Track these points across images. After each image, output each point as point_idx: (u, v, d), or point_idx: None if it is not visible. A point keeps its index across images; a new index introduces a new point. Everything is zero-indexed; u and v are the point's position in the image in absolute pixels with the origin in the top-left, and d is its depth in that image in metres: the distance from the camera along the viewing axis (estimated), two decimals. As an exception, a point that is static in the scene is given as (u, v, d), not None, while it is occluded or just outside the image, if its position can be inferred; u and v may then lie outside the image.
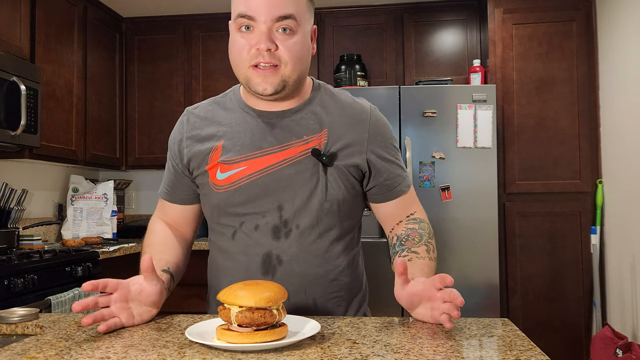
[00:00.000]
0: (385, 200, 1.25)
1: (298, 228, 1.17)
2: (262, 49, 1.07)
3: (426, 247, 1.18)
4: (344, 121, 1.20)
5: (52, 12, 3.13)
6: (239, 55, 1.12)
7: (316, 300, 1.20)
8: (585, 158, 3.31)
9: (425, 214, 1.30)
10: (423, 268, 1.13)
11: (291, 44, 1.09)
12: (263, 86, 1.11)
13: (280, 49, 1.09)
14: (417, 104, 3.20)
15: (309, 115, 1.20)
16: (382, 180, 1.23)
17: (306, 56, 1.14)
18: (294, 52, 1.10)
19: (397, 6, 3.79)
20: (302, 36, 1.12)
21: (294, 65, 1.11)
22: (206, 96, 3.87)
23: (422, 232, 1.21)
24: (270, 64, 1.09)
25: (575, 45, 3.35)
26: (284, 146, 1.17)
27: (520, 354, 0.85)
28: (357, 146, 1.19)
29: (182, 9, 3.87)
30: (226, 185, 1.19)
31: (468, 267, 3.11)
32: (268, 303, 0.88)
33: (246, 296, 0.88)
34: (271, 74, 1.10)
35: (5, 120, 2.62)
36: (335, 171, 1.18)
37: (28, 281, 2.33)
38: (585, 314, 3.27)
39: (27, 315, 1.10)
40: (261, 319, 0.88)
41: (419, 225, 1.23)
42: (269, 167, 1.17)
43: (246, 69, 1.12)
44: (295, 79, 1.13)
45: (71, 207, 3.58)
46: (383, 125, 1.24)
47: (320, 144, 1.17)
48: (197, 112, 1.27)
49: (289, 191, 1.17)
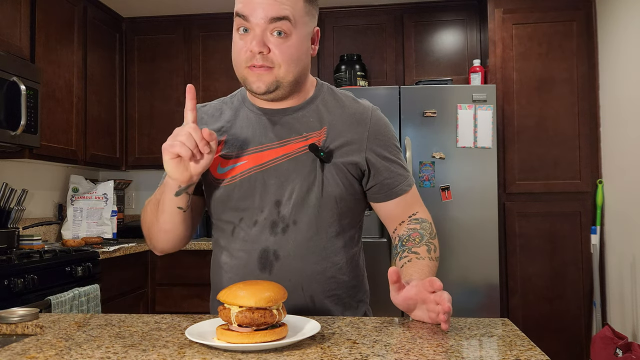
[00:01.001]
0: (386, 200, 1.25)
1: (295, 224, 1.18)
2: (255, 51, 1.10)
3: (427, 247, 1.18)
4: (345, 120, 1.22)
5: (52, 12, 3.13)
6: (237, 56, 1.15)
7: (314, 297, 1.20)
8: (585, 158, 3.31)
9: (429, 213, 1.29)
10: (423, 269, 1.14)
11: (285, 47, 1.11)
12: (257, 84, 1.14)
13: (273, 51, 1.11)
14: (417, 104, 3.20)
15: (310, 113, 1.21)
16: (382, 179, 1.23)
17: (303, 58, 1.16)
18: (287, 54, 1.12)
19: (397, 6, 3.79)
20: (298, 38, 1.13)
21: (287, 67, 1.13)
22: (206, 96, 3.89)
23: (424, 232, 1.21)
24: (264, 66, 1.12)
25: (575, 45, 3.35)
26: (283, 142, 1.19)
27: (520, 354, 0.85)
28: (356, 144, 1.20)
29: (182, 9, 3.87)
30: (227, 179, 1.20)
31: (468, 267, 3.11)
32: (268, 303, 0.88)
33: (246, 296, 0.89)
34: (265, 73, 1.13)
35: (5, 120, 2.62)
36: (333, 168, 1.18)
37: (28, 281, 2.33)
38: (585, 314, 3.27)
39: (27, 315, 1.10)
40: (261, 319, 0.88)
41: (420, 226, 1.23)
42: (268, 162, 1.19)
43: (243, 69, 1.15)
44: (290, 80, 1.15)
45: (71, 207, 3.58)
46: (384, 125, 1.25)
47: (320, 140, 1.19)
48: (205, 109, 1.30)
49: (287, 186, 1.18)
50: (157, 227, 1.21)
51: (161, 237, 1.23)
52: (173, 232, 1.21)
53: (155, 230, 1.22)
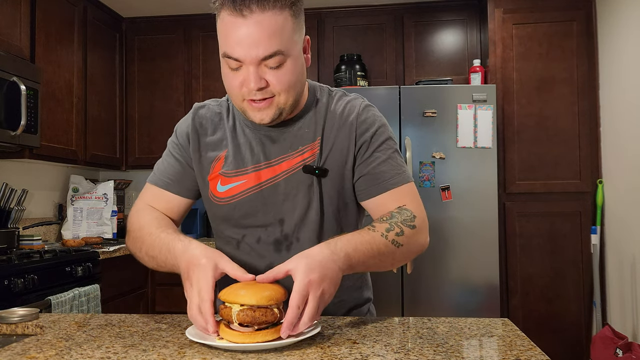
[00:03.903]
0: (372, 195, 1.16)
1: (299, 241, 1.17)
2: (253, 88, 1.06)
3: (388, 226, 1.07)
4: (335, 125, 1.19)
5: (52, 12, 3.12)
6: (232, 90, 1.10)
7: None
8: (585, 158, 3.31)
9: (423, 210, 1.16)
10: (355, 238, 1.03)
11: (281, 75, 1.07)
12: (260, 117, 1.10)
13: (271, 83, 1.07)
14: (417, 104, 3.20)
15: (305, 124, 1.19)
16: (365, 172, 1.16)
17: (300, 79, 1.12)
18: (285, 82, 1.07)
19: (397, 6, 3.79)
20: (293, 61, 1.08)
21: (288, 93, 1.09)
22: (206, 96, 3.88)
23: (396, 214, 1.11)
24: (264, 99, 1.08)
25: (575, 45, 3.35)
26: (280, 159, 1.18)
27: (521, 354, 0.85)
28: (347, 148, 1.17)
29: (182, 9, 3.86)
30: (227, 198, 1.19)
31: (468, 267, 3.11)
32: (269, 302, 0.89)
33: (247, 295, 0.89)
34: (266, 107, 1.09)
35: (5, 120, 2.62)
36: (329, 180, 1.17)
37: (28, 281, 2.33)
38: (585, 314, 3.27)
39: (27, 315, 1.10)
40: (262, 317, 0.88)
41: (399, 210, 1.13)
42: (267, 181, 1.17)
43: (241, 102, 1.11)
44: (291, 103, 1.12)
45: (71, 207, 3.58)
46: (371, 119, 1.20)
47: (314, 154, 1.17)
48: (204, 113, 1.26)
49: (288, 204, 1.17)
50: (144, 258, 1.16)
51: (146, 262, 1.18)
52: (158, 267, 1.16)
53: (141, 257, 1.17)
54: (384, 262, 1.07)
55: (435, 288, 3.12)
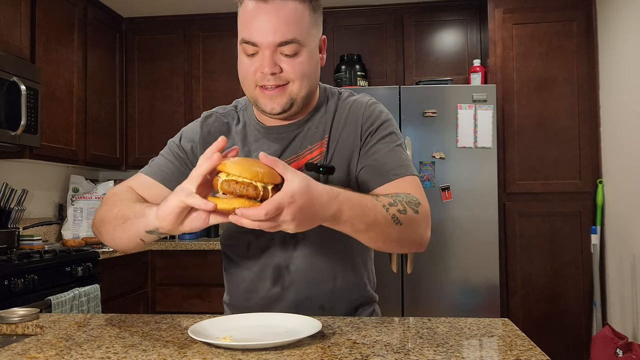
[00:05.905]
0: (376, 185, 1.14)
1: (305, 239, 1.18)
2: (267, 72, 1.08)
3: (391, 201, 1.04)
4: (342, 122, 1.20)
5: (52, 12, 3.12)
6: (245, 77, 1.12)
7: (324, 305, 1.21)
8: (585, 158, 3.31)
9: (427, 204, 1.12)
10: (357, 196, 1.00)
11: (296, 63, 1.09)
12: (271, 106, 1.12)
13: (285, 70, 1.09)
14: (417, 104, 3.20)
15: (315, 124, 1.20)
16: (369, 163, 1.16)
17: (314, 72, 1.14)
18: (299, 71, 1.09)
19: (398, 6, 3.79)
20: (308, 53, 1.11)
21: (301, 83, 1.11)
22: (206, 96, 3.88)
23: (401, 194, 1.08)
24: (277, 86, 1.10)
25: (575, 45, 3.35)
26: (290, 160, 1.18)
27: (521, 354, 0.85)
28: (353, 143, 1.18)
29: (182, 9, 3.86)
30: None
31: (468, 267, 3.11)
32: (253, 177, 0.87)
33: (234, 166, 0.89)
34: (278, 94, 1.11)
35: (5, 120, 2.62)
36: (337, 179, 1.17)
37: (28, 281, 2.33)
38: (585, 314, 3.27)
39: (27, 315, 1.11)
40: (243, 191, 0.87)
41: (405, 194, 1.09)
42: None
43: (253, 89, 1.12)
44: (303, 95, 1.13)
45: (71, 207, 3.58)
46: (376, 113, 1.20)
47: (322, 152, 1.18)
48: (211, 122, 1.26)
49: None
50: (110, 235, 1.12)
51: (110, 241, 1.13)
52: (122, 247, 1.13)
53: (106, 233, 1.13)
54: (377, 233, 1.02)
55: (435, 288, 3.12)
